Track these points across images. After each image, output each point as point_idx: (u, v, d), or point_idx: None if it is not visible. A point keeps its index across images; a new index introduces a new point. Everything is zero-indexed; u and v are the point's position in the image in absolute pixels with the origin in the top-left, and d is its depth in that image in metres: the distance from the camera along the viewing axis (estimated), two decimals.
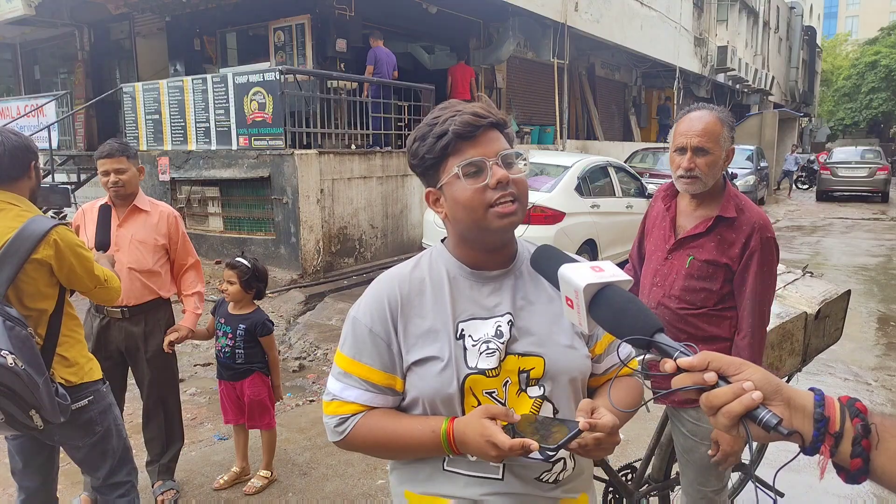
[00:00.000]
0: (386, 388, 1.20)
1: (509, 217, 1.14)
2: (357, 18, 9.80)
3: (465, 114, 1.13)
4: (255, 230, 7.98)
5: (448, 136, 1.12)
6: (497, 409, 1.09)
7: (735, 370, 0.77)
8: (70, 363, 2.18)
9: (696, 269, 2.04)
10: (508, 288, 1.22)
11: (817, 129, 42.32)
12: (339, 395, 1.22)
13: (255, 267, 3.23)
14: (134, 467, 2.47)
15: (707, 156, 1.97)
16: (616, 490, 2.45)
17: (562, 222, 6.56)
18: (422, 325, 1.19)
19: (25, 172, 2.13)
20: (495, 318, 1.19)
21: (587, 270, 0.96)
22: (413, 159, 1.20)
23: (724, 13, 21.27)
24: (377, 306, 1.21)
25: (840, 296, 2.74)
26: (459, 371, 1.16)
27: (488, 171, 1.12)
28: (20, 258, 2.00)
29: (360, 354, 1.20)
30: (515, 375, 1.18)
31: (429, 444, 1.15)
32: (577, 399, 1.23)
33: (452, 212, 1.17)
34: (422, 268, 1.25)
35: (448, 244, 1.27)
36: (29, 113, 10.29)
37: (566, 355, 1.21)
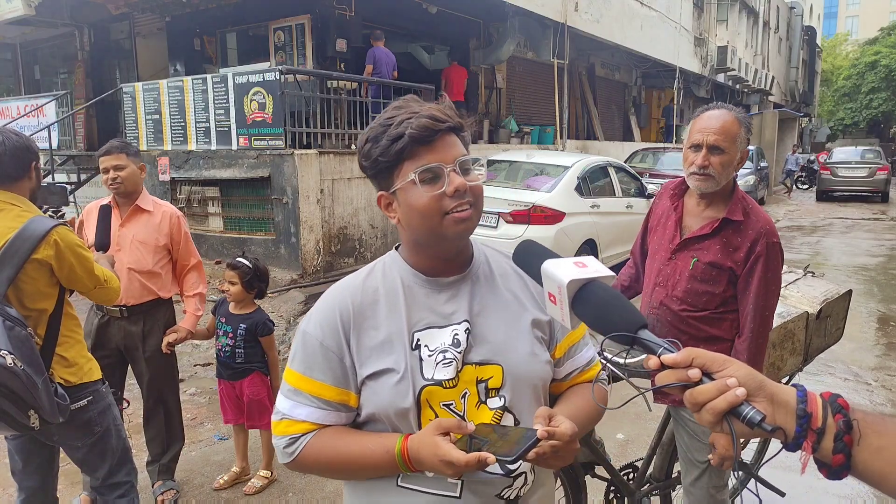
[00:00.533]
0: (339, 404, 1.14)
1: (465, 223, 1.09)
2: (357, 18, 9.80)
3: (423, 117, 1.07)
4: (255, 230, 7.98)
5: (404, 139, 1.06)
6: (449, 422, 1.04)
7: (719, 367, 0.76)
8: (69, 363, 2.17)
9: (700, 271, 2.03)
10: (465, 294, 1.17)
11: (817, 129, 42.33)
12: (289, 413, 1.15)
13: (256, 267, 3.23)
14: (133, 467, 2.47)
15: (722, 155, 1.96)
16: (618, 489, 2.45)
17: (562, 222, 6.56)
18: (376, 337, 1.13)
19: (26, 173, 2.14)
20: (452, 326, 1.14)
21: (571, 266, 0.93)
22: (364, 161, 1.13)
23: (724, 13, 21.27)
24: (328, 319, 1.15)
25: (841, 295, 2.74)
26: (415, 383, 1.11)
27: (445, 178, 1.07)
28: (20, 258, 2.00)
29: (310, 370, 1.14)
30: (474, 386, 1.13)
31: (384, 464, 1.10)
32: (538, 407, 1.16)
33: (406, 218, 1.12)
34: (375, 276, 1.19)
35: (402, 251, 1.22)
36: (29, 113, 10.29)
37: (526, 362, 1.16)
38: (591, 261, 0.95)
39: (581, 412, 1.21)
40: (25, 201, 2.15)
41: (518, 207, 6.54)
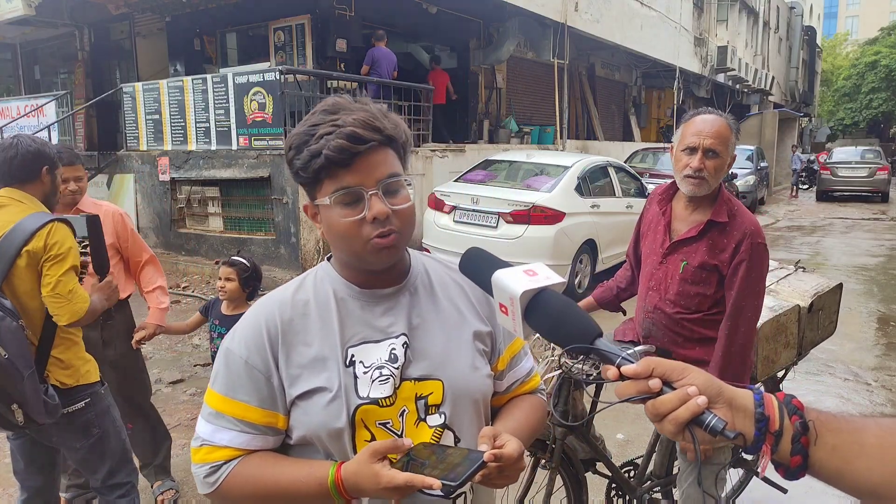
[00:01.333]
0: (265, 426, 1.06)
1: (388, 251, 1.02)
2: (357, 18, 9.81)
3: (341, 136, 0.97)
4: (256, 230, 7.98)
5: (321, 159, 0.98)
6: (383, 445, 0.96)
7: (678, 375, 0.76)
8: (66, 365, 2.16)
9: (690, 274, 2.07)
10: (403, 306, 1.10)
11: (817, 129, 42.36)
12: (210, 438, 1.05)
13: (253, 265, 3.22)
14: (134, 468, 2.47)
15: (717, 159, 1.99)
16: (619, 487, 2.46)
17: (562, 222, 6.56)
18: (307, 354, 1.06)
19: (37, 177, 2.18)
20: (389, 339, 1.07)
21: (521, 275, 0.90)
22: (289, 168, 1.06)
23: (724, 13, 21.29)
24: (254, 335, 1.07)
25: (832, 289, 2.76)
26: (349, 402, 1.03)
27: (365, 203, 1.00)
28: (14, 250, 2.01)
29: (234, 390, 1.05)
30: (413, 403, 1.07)
31: (315, 495, 1.01)
32: (479, 423, 1.13)
33: (329, 236, 1.06)
34: (306, 289, 1.12)
35: (334, 263, 1.14)
36: (29, 113, 10.30)
37: (467, 377, 1.10)
38: (541, 268, 0.92)
39: (525, 426, 1.17)
40: (33, 199, 2.18)
41: (518, 207, 6.54)
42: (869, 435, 0.74)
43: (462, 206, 6.80)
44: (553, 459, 2.19)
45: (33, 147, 2.18)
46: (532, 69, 14.23)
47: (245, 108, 7.58)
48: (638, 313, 2.28)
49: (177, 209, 8.63)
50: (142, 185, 8.93)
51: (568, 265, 6.67)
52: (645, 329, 2.21)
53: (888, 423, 0.75)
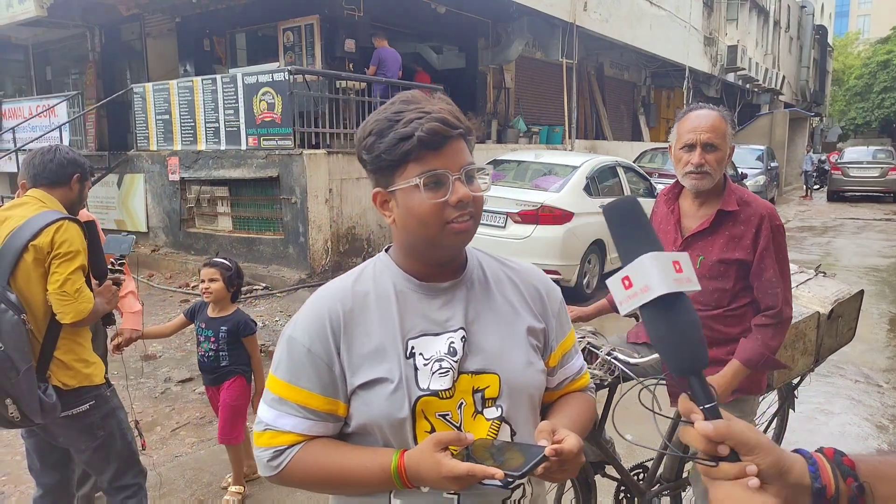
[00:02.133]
0: (327, 413, 1.09)
1: (464, 235, 1.06)
2: (366, 19, 9.82)
3: (434, 120, 1.02)
4: (264, 230, 8.01)
5: (412, 140, 1.01)
6: (447, 436, 1.00)
7: (747, 452, 0.74)
8: (68, 366, 2.16)
9: (708, 269, 2.05)
10: (460, 300, 1.13)
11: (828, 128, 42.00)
12: (273, 424, 1.09)
13: (234, 264, 3.19)
14: (141, 469, 2.47)
15: (716, 152, 1.99)
16: (628, 489, 2.44)
17: (570, 222, 6.54)
18: (368, 344, 1.08)
19: (67, 183, 2.31)
20: (447, 333, 1.10)
21: (669, 267, 0.80)
22: (366, 154, 1.07)
23: (735, 12, 21.16)
24: (317, 324, 1.09)
25: (853, 296, 2.72)
26: (410, 393, 1.06)
27: (450, 186, 1.03)
28: (22, 243, 2.03)
29: (297, 378, 1.08)
30: (470, 396, 1.09)
31: (377, 480, 1.05)
32: (534, 417, 1.16)
33: (403, 221, 1.07)
34: (365, 281, 1.14)
35: (393, 254, 1.16)
36: (41, 113, 10.38)
37: (522, 371, 1.13)
38: (686, 263, 0.82)
39: (579, 423, 1.19)
40: (54, 201, 2.24)
41: (526, 207, 6.52)
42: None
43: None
44: None
45: (70, 155, 2.35)
46: (540, 69, 14.20)
47: (254, 108, 7.61)
48: None
49: (186, 209, 8.67)
50: (152, 185, 8.98)
51: (576, 265, 6.65)
52: None
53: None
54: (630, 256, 0.81)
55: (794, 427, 3.21)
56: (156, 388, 4.60)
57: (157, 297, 7.17)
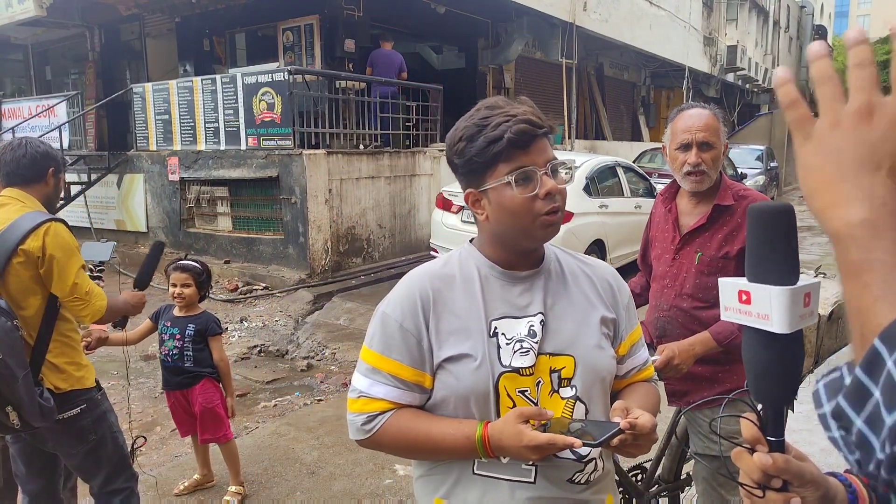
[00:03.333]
0: (414, 384, 1.19)
1: (554, 226, 1.16)
2: (365, 19, 9.82)
3: (521, 122, 1.11)
4: (264, 230, 8.01)
5: (502, 142, 1.10)
6: (529, 410, 1.09)
7: (800, 484, 0.73)
8: (59, 370, 2.13)
9: (706, 264, 2.06)
10: (539, 288, 1.22)
11: None
12: (367, 391, 1.19)
13: (205, 267, 3.15)
14: (133, 473, 2.44)
15: (711, 150, 2.01)
16: (626, 490, 2.44)
17: (570, 223, 6.54)
18: (454, 322, 1.18)
19: (42, 178, 2.21)
20: (528, 317, 1.19)
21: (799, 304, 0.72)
22: (458, 158, 1.17)
23: (734, 12, 21.16)
24: (408, 301, 1.20)
25: None
26: (494, 369, 1.15)
27: (538, 180, 1.12)
28: (9, 247, 1.99)
29: (389, 350, 1.19)
30: (547, 375, 1.18)
31: (462, 449, 1.14)
32: (606, 398, 1.24)
33: (497, 216, 1.16)
34: (452, 265, 1.25)
35: (477, 243, 1.27)
36: (40, 113, 10.37)
37: (595, 355, 1.21)
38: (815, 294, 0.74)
39: (649, 406, 1.27)
40: (33, 200, 2.18)
41: None
42: None
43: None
44: None
45: (42, 148, 2.21)
46: (540, 69, 14.20)
47: (254, 108, 7.61)
48: (650, 313, 2.27)
49: (186, 209, 8.67)
50: (151, 185, 8.98)
51: None
52: (659, 329, 2.19)
53: None
54: (763, 275, 0.73)
55: (792, 427, 3.21)
56: (155, 389, 4.60)
57: (157, 298, 7.17)
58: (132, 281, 2.59)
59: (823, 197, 0.61)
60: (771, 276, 0.72)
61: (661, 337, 2.18)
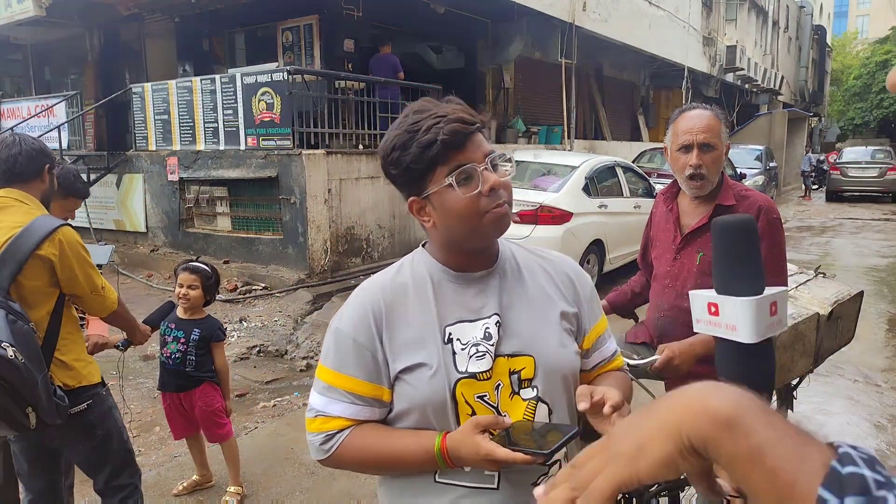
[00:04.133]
0: (372, 399, 1.16)
1: (504, 219, 1.13)
2: (365, 19, 9.82)
3: (452, 121, 1.08)
4: (263, 230, 8.01)
5: (437, 145, 1.07)
6: (486, 419, 1.07)
7: None
8: (68, 367, 2.17)
9: (708, 265, 2.05)
10: (494, 288, 1.19)
11: (827, 128, 42.01)
12: (324, 409, 1.17)
13: (215, 271, 3.13)
14: (137, 469, 2.46)
15: (713, 151, 2.01)
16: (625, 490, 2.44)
17: (569, 222, 6.54)
18: (408, 333, 1.16)
19: (39, 175, 2.21)
20: (482, 319, 1.16)
21: (765, 313, 0.75)
22: (394, 169, 1.13)
23: (734, 12, 21.16)
24: (360, 315, 1.17)
25: (853, 297, 2.72)
26: (450, 376, 1.13)
27: (479, 177, 1.09)
28: (24, 254, 2.02)
29: (343, 366, 1.16)
30: (507, 377, 1.16)
31: (422, 461, 1.13)
32: (570, 398, 1.20)
33: (444, 220, 1.13)
34: (404, 273, 1.22)
35: (429, 248, 1.24)
36: (39, 113, 10.36)
37: (556, 353, 1.19)
38: (783, 302, 0.77)
39: (617, 388, 1.26)
40: (35, 200, 2.19)
41: (525, 207, 6.52)
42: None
43: None
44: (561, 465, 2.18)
45: (37, 145, 2.21)
46: (540, 69, 14.19)
47: (253, 108, 7.60)
48: (651, 313, 2.26)
49: (185, 209, 8.67)
50: (151, 185, 8.97)
51: None
52: (660, 329, 2.19)
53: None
54: (729, 287, 0.76)
55: None
56: (154, 389, 4.60)
57: (156, 298, 7.16)
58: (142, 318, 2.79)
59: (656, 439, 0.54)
60: (736, 288, 0.74)
61: (661, 337, 2.18)
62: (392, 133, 1.13)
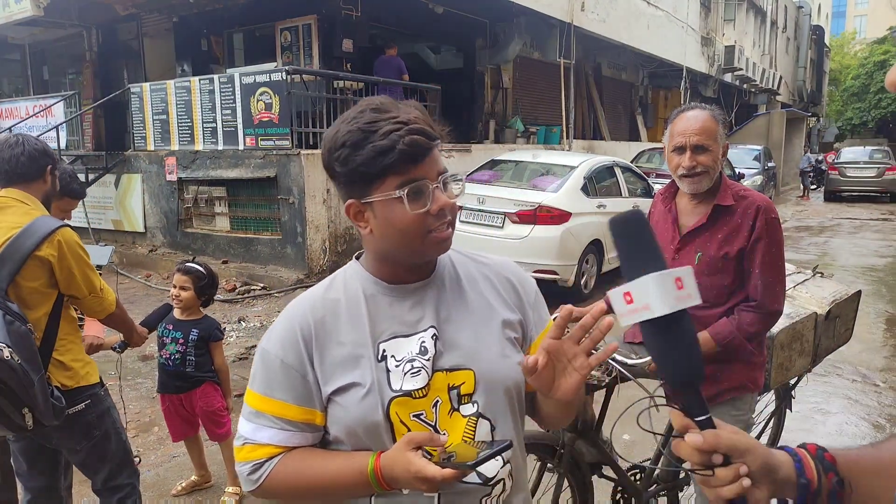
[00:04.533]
0: (304, 423, 1.09)
1: (445, 243, 1.08)
2: (363, 19, 9.82)
3: (414, 132, 1.00)
4: (262, 230, 8.01)
5: (394, 154, 0.99)
6: (421, 436, 1.01)
7: (738, 455, 0.78)
8: (66, 367, 2.17)
9: (706, 265, 2.06)
10: (431, 300, 1.12)
11: (825, 128, 42.09)
12: (252, 437, 1.09)
13: (210, 273, 3.11)
14: (135, 470, 2.46)
15: (707, 153, 2.01)
16: (625, 490, 2.45)
17: (568, 222, 6.54)
18: (340, 352, 1.09)
19: (41, 175, 2.22)
20: (418, 333, 1.10)
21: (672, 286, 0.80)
22: (340, 166, 1.03)
23: (732, 12, 21.18)
24: (289, 335, 1.10)
25: (850, 296, 2.73)
26: (383, 395, 1.06)
27: (430, 195, 1.03)
28: (23, 254, 2.02)
29: (271, 389, 1.09)
30: (445, 393, 1.09)
31: (357, 485, 1.06)
32: (513, 411, 1.14)
33: (383, 231, 1.06)
34: (336, 288, 1.14)
35: (364, 260, 1.17)
36: (37, 113, 10.35)
37: (497, 366, 1.12)
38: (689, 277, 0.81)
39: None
40: (35, 201, 2.19)
41: (524, 207, 6.53)
42: (891, 468, 0.78)
43: (468, 206, 6.79)
44: (561, 464, 2.18)
45: (39, 146, 2.22)
46: (538, 69, 14.20)
47: (252, 108, 7.60)
48: None
49: (184, 209, 8.66)
50: (149, 185, 8.97)
51: (574, 265, 6.65)
52: None
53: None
54: (634, 273, 0.81)
55: (791, 427, 3.22)
56: (153, 389, 4.59)
57: (155, 298, 7.16)
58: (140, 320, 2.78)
59: None
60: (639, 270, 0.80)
61: None
62: (344, 127, 1.04)
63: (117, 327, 2.45)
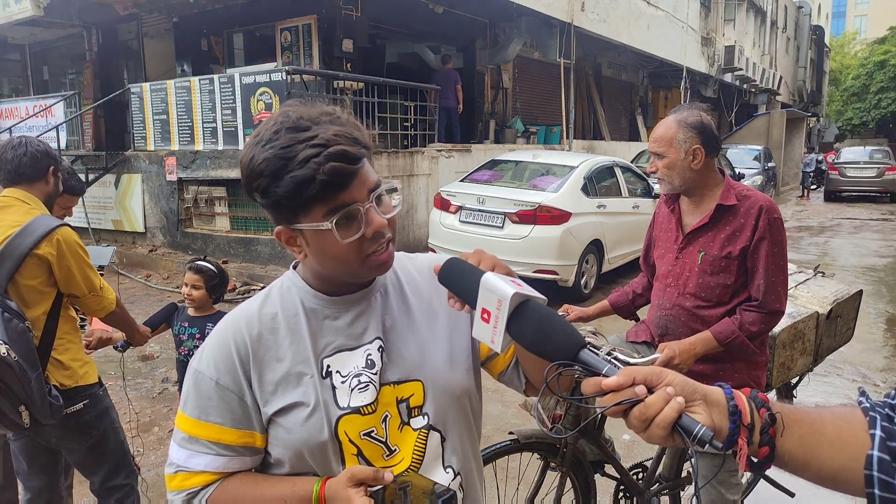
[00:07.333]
0: (242, 447, 1.02)
1: (386, 265, 1.01)
2: (363, 19, 9.81)
3: (333, 156, 0.90)
4: (262, 230, 8.01)
5: (314, 185, 0.90)
6: (363, 472, 0.95)
7: (658, 379, 0.77)
8: (65, 366, 2.17)
9: (709, 264, 2.07)
10: (375, 309, 1.06)
11: (825, 129, 42.10)
12: (185, 464, 1.01)
13: (221, 271, 3.12)
14: (133, 470, 2.46)
15: (663, 159, 2.09)
16: (627, 489, 2.45)
17: (568, 222, 6.54)
18: (279, 369, 1.02)
19: (43, 176, 2.25)
20: (364, 346, 1.04)
21: (509, 282, 0.86)
22: (261, 197, 0.95)
23: (732, 13, 21.19)
24: (223, 354, 1.02)
25: (852, 296, 2.73)
26: (329, 414, 1.00)
27: (362, 220, 0.94)
28: (22, 252, 2.03)
29: (206, 413, 1.01)
30: (394, 407, 1.04)
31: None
32: (465, 419, 1.11)
33: (318, 258, 0.99)
34: (272, 302, 1.07)
35: (301, 271, 1.09)
36: (37, 113, 10.35)
37: (445, 374, 1.08)
38: (521, 281, 0.89)
39: None
40: (37, 201, 2.21)
41: (524, 207, 6.53)
42: (827, 424, 0.79)
43: (468, 206, 6.79)
44: (564, 463, 2.18)
45: (42, 147, 2.25)
46: (538, 69, 14.20)
47: (252, 108, 7.60)
48: (653, 312, 2.28)
49: (184, 209, 8.66)
50: (149, 185, 8.96)
51: (574, 265, 6.65)
52: (661, 327, 2.20)
53: (841, 412, 0.81)
54: (473, 295, 0.89)
55: None
56: (153, 389, 4.60)
57: (155, 298, 7.16)
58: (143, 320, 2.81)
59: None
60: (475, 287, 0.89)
61: (662, 335, 2.20)
62: (259, 153, 0.92)
63: (118, 326, 2.46)
